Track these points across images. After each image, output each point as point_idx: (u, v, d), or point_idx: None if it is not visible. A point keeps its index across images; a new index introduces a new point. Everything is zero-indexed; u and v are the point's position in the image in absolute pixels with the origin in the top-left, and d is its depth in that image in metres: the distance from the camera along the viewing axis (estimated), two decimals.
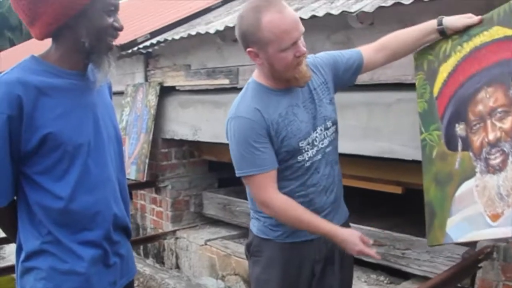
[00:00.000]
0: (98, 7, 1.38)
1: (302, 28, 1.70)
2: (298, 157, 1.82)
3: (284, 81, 1.78)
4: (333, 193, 1.93)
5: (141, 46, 4.34)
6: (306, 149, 1.82)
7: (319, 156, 1.86)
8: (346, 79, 1.99)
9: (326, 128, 1.87)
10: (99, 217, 1.51)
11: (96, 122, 1.49)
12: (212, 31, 3.55)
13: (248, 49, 1.73)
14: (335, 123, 1.93)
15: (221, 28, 3.45)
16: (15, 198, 1.47)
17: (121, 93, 5.13)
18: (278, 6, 1.66)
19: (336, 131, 1.94)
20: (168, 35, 4.27)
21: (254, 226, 1.99)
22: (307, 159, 1.84)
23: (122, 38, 4.97)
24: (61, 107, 1.40)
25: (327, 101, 1.89)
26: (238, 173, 1.82)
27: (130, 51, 4.45)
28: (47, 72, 1.40)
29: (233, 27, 3.39)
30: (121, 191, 1.63)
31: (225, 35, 3.73)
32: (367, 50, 2.00)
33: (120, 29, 1.46)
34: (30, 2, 1.35)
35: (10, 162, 1.37)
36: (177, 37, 3.89)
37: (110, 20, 1.41)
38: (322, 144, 1.86)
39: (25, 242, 1.46)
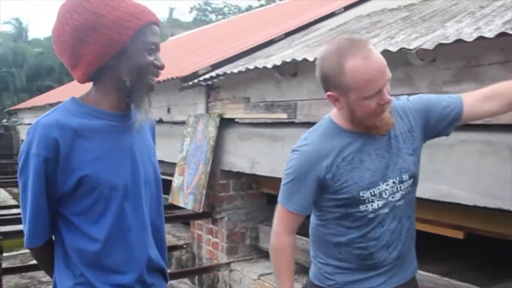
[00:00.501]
0: (139, 46, 1.39)
1: (389, 74, 1.58)
2: (360, 207, 1.70)
3: (364, 127, 1.68)
4: (397, 249, 1.77)
5: (201, 78, 4.39)
6: (370, 199, 1.69)
7: (386, 210, 1.72)
8: (440, 129, 1.79)
9: (401, 181, 1.72)
10: (133, 260, 1.49)
11: (134, 164, 1.47)
12: (269, 65, 3.53)
13: (328, 93, 1.65)
14: (413, 176, 1.75)
15: (279, 63, 3.43)
16: (52, 237, 1.48)
17: (183, 123, 5.22)
18: (364, 50, 1.54)
19: (413, 185, 1.78)
20: (228, 68, 4.30)
21: (311, 271, 1.92)
22: (370, 210, 1.71)
23: (184, 70, 5.08)
24: (98, 149, 1.40)
25: (408, 152, 1.74)
26: (280, 201, 1.81)
27: (191, 83, 4.50)
28: (86, 114, 1.41)
29: (291, 62, 3.43)
30: (157, 234, 1.60)
31: (283, 70, 3.71)
32: (470, 98, 1.77)
33: (161, 67, 1.44)
34: (72, 44, 1.37)
35: (47, 203, 1.38)
36: (235, 70, 3.90)
37: (151, 58, 1.42)
38: (393, 197, 1.72)
39: (60, 282, 1.46)
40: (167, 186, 5.26)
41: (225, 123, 4.56)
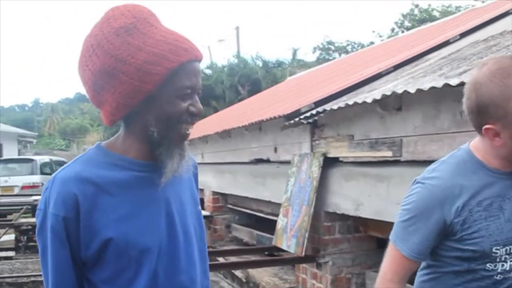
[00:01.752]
0: (169, 92, 1.17)
1: None
2: (488, 265, 1.42)
3: None
4: None
5: (302, 116, 4.24)
6: (502, 258, 1.41)
7: None
8: None
9: None
10: None
11: (170, 220, 1.25)
12: (369, 100, 3.29)
13: (486, 126, 1.35)
14: None
15: (378, 97, 3.18)
16: None
17: (289, 163, 5.10)
18: None
19: None
20: (330, 105, 4.11)
21: None
22: (499, 271, 1.42)
23: (288, 108, 4.97)
24: (124, 206, 1.19)
25: None
26: (392, 237, 1.53)
27: (292, 121, 4.38)
28: (111, 164, 1.22)
29: (391, 95, 3.17)
30: None
31: (387, 104, 3.45)
32: None
33: (197, 113, 1.22)
34: (93, 88, 1.19)
35: (71, 268, 1.19)
36: (335, 107, 3.71)
37: (185, 104, 1.19)
38: None
39: None
40: (274, 226, 5.14)
41: (329, 162, 4.35)
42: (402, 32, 21.02)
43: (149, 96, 1.16)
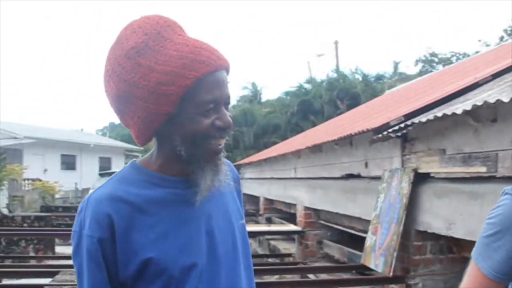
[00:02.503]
0: (190, 111, 1.10)
1: None
2: None
3: None
4: None
5: (391, 130, 4.07)
6: None
7: None
8: None
9: None
10: None
11: (211, 238, 1.19)
12: (459, 111, 3.08)
13: None
14: None
15: (469, 107, 2.96)
16: None
17: (379, 178, 4.91)
18: None
19: None
20: (420, 118, 3.90)
21: None
22: None
23: (377, 121, 4.80)
24: (162, 225, 1.14)
25: None
26: (473, 255, 1.38)
27: (380, 135, 4.21)
28: (146, 182, 1.17)
29: (484, 105, 2.93)
30: None
31: (480, 116, 3.21)
32: None
33: (225, 127, 1.14)
34: (117, 112, 1.17)
35: None
36: (424, 119, 3.51)
37: (209, 120, 1.12)
38: None
39: None
40: (363, 245, 4.96)
41: (420, 178, 4.12)
42: None
43: (169, 117, 1.11)
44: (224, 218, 1.25)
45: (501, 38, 28.12)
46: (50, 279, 3.90)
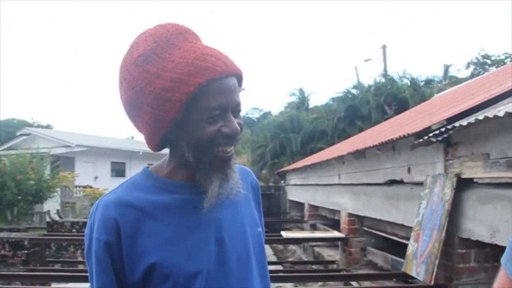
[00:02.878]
0: (194, 118, 1.09)
1: None
2: None
3: None
4: None
5: (431, 134, 3.96)
6: None
7: None
8: None
9: None
10: None
11: (220, 245, 1.17)
12: (501, 114, 2.97)
13: None
14: None
15: (510, 110, 2.85)
16: None
17: (421, 184, 4.79)
18: None
19: None
20: (462, 121, 3.79)
21: None
22: None
23: (420, 126, 4.69)
24: (169, 230, 1.14)
25: None
26: (503, 261, 1.26)
27: (421, 139, 4.11)
28: (155, 187, 1.18)
29: None
30: None
31: None
32: None
33: (231, 134, 1.12)
34: (129, 119, 1.19)
35: None
36: (465, 123, 3.41)
37: (215, 127, 1.11)
38: None
39: None
40: (404, 251, 4.85)
41: (463, 184, 3.99)
42: None
43: (175, 123, 1.10)
44: (237, 225, 1.22)
45: None
46: None
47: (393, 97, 22.84)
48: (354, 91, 26.74)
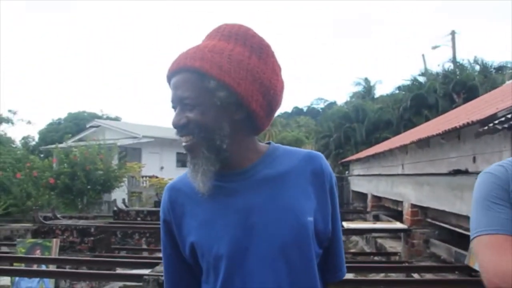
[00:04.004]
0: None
1: None
2: None
3: None
4: None
5: (497, 121, 3.79)
6: None
7: None
8: None
9: None
10: None
11: (248, 230, 1.20)
12: None
13: None
14: None
15: None
16: None
17: None
18: None
19: None
20: None
21: None
22: None
23: (486, 113, 4.50)
24: (204, 214, 1.25)
25: None
26: (471, 236, 1.35)
27: (486, 127, 3.94)
28: None
29: None
30: None
31: None
32: None
33: (173, 126, 1.23)
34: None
35: (181, 266, 1.31)
36: None
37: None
38: None
39: None
40: (469, 244, 4.68)
41: None
42: None
43: None
44: (274, 213, 1.21)
45: None
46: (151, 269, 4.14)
47: (462, 85, 21.97)
48: (421, 79, 25.97)
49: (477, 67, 24.47)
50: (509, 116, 3.70)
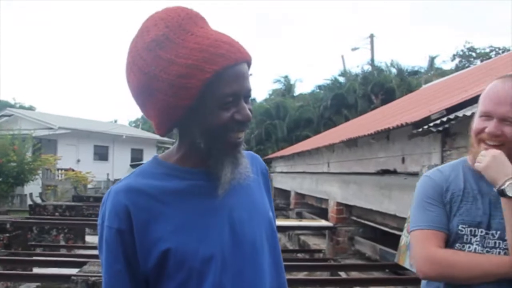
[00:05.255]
0: (209, 104, 1.09)
1: (507, 113, 1.51)
2: (456, 245, 1.56)
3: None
4: None
5: (432, 124, 3.87)
6: (468, 239, 1.55)
7: None
8: None
9: (502, 238, 1.53)
10: None
11: (234, 230, 1.16)
12: None
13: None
14: None
15: None
16: None
17: (416, 174, 4.72)
18: (509, 78, 1.56)
19: None
20: (463, 112, 3.70)
21: None
22: None
23: (417, 115, 4.60)
24: (181, 216, 1.13)
25: None
26: (410, 230, 1.67)
27: (421, 129, 4.02)
28: (166, 174, 1.17)
29: None
30: None
31: None
32: None
33: (244, 121, 1.12)
34: (138, 104, 1.16)
35: (128, 284, 1.11)
36: (468, 113, 3.31)
37: (228, 114, 1.11)
38: (489, 251, 1.54)
39: None
40: (396, 242, 4.78)
41: None
42: None
43: (189, 109, 1.10)
44: (249, 211, 1.21)
45: None
46: (78, 269, 3.88)
47: (380, 87, 22.89)
48: (341, 79, 26.75)
49: (394, 70, 25.57)
50: (444, 119, 3.78)
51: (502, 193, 1.46)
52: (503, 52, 29.04)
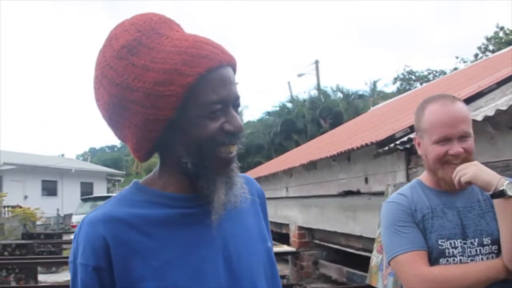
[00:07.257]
0: (194, 114, 0.94)
1: (466, 128, 1.56)
2: (441, 260, 1.57)
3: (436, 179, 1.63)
4: None
5: (398, 142, 3.89)
6: (451, 253, 1.57)
7: None
8: None
9: (481, 244, 1.57)
10: None
11: (229, 262, 1.02)
12: (479, 118, 2.90)
13: (414, 137, 1.73)
14: (496, 243, 1.56)
15: (491, 113, 2.79)
16: None
17: (382, 194, 4.72)
18: (447, 98, 1.60)
19: (498, 252, 1.56)
20: None
21: None
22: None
23: (381, 134, 4.62)
24: (168, 250, 0.97)
25: (493, 216, 1.57)
26: (387, 259, 1.65)
27: (386, 148, 4.03)
28: (149, 202, 1.00)
29: (508, 110, 2.77)
30: None
31: (498, 122, 3.04)
32: None
33: (235, 131, 0.97)
34: (110, 124, 1.01)
35: None
36: None
37: (217, 124, 0.95)
38: (473, 260, 1.57)
39: None
40: (366, 263, 4.73)
41: None
42: (487, 56, 19.96)
43: (171, 122, 0.94)
44: (246, 240, 1.08)
45: (476, 56, 28.65)
46: None
47: (328, 111, 23.27)
48: (289, 105, 27.05)
49: (340, 94, 26.10)
50: (411, 136, 3.80)
51: (501, 193, 1.45)
52: (439, 74, 30.30)
